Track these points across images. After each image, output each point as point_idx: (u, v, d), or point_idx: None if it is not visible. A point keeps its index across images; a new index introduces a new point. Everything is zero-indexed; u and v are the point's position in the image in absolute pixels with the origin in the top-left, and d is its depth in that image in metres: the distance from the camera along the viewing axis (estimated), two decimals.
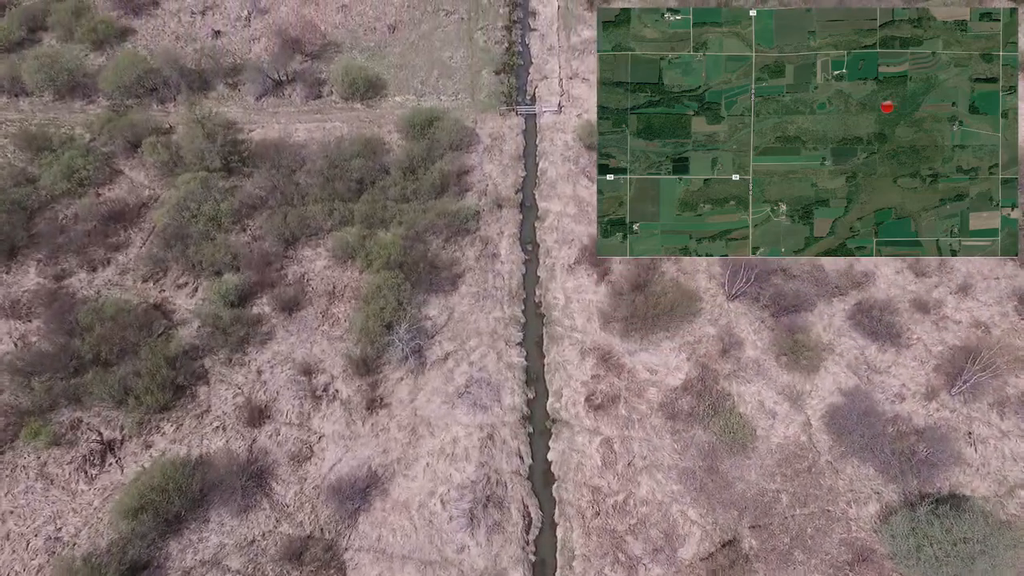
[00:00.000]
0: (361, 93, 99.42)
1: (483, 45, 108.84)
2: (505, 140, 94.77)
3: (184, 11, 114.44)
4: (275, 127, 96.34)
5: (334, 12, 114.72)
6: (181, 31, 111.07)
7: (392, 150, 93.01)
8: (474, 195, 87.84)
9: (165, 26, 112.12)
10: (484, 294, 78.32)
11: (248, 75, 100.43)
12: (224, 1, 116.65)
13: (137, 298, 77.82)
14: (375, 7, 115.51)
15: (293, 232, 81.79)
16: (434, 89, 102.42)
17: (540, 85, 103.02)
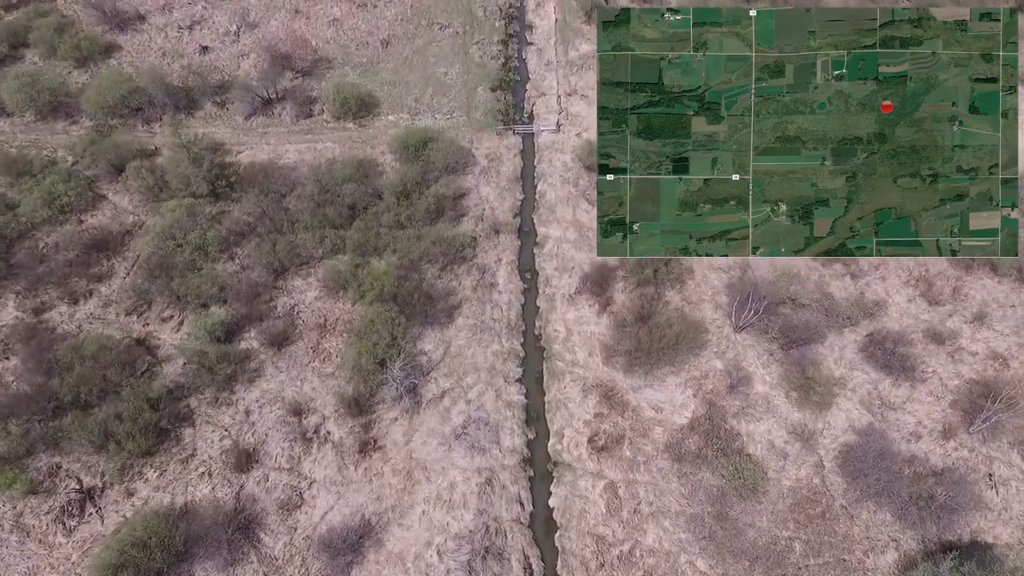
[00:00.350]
0: (353, 112, 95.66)
1: (479, 60, 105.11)
2: (502, 161, 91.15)
3: (171, 26, 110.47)
4: (264, 148, 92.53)
5: (325, 26, 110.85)
6: (168, 47, 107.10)
7: (385, 172, 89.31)
8: (470, 220, 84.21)
9: (151, 42, 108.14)
10: (482, 326, 74.74)
11: (236, 93, 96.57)
12: (212, 15, 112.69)
13: (120, 333, 74.09)
14: (367, 21, 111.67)
15: (282, 262, 78.10)
16: (428, 107, 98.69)
17: (538, 102, 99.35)
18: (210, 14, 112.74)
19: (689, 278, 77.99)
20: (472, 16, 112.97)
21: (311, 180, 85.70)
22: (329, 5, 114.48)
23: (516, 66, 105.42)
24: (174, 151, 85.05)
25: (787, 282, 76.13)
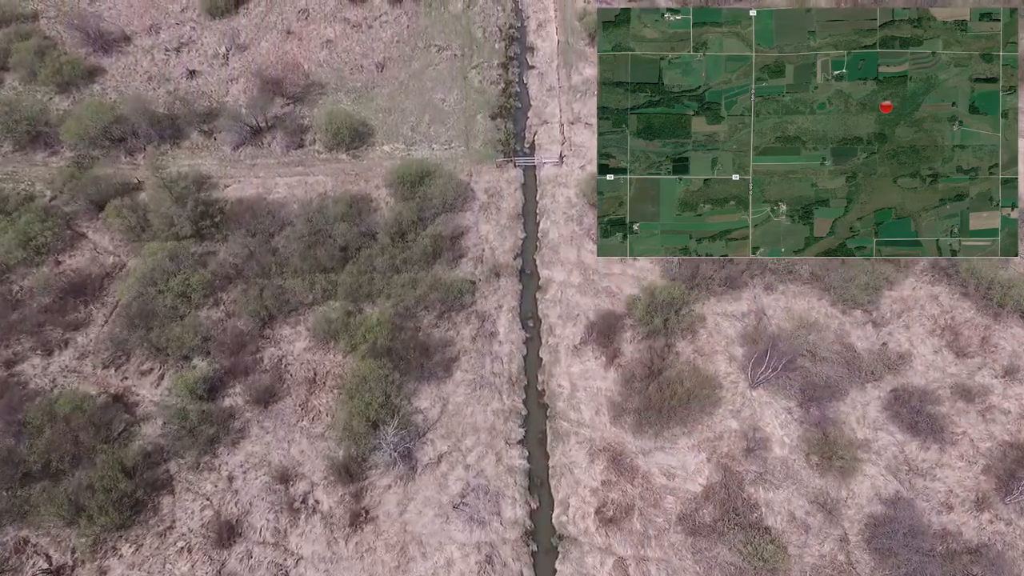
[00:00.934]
0: (346, 143, 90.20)
1: (478, 86, 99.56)
2: (503, 196, 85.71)
3: (158, 48, 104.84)
4: (253, 182, 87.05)
5: (318, 48, 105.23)
6: (154, 71, 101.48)
7: (380, 208, 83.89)
8: (469, 262, 78.81)
9: (137, 65, 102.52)
10: (481, 381, 69.44)
11: (224, 122, 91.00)
12: (201, 36, 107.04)
13: (96, 388, 68.85)
14: (362, 43, 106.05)
15: (270, 309, 72.74)
16: (425, 136, 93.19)
17: (540, 131, 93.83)
18: (198, 35, 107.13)
19: (701, 326, 72.75)
20: (471, 37, 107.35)
21: (301, 219, 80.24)
22: (322, 25, 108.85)
23: (517, 91, 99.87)
24: (155, 190, 79.45)
25: (805, 332, 70.95)
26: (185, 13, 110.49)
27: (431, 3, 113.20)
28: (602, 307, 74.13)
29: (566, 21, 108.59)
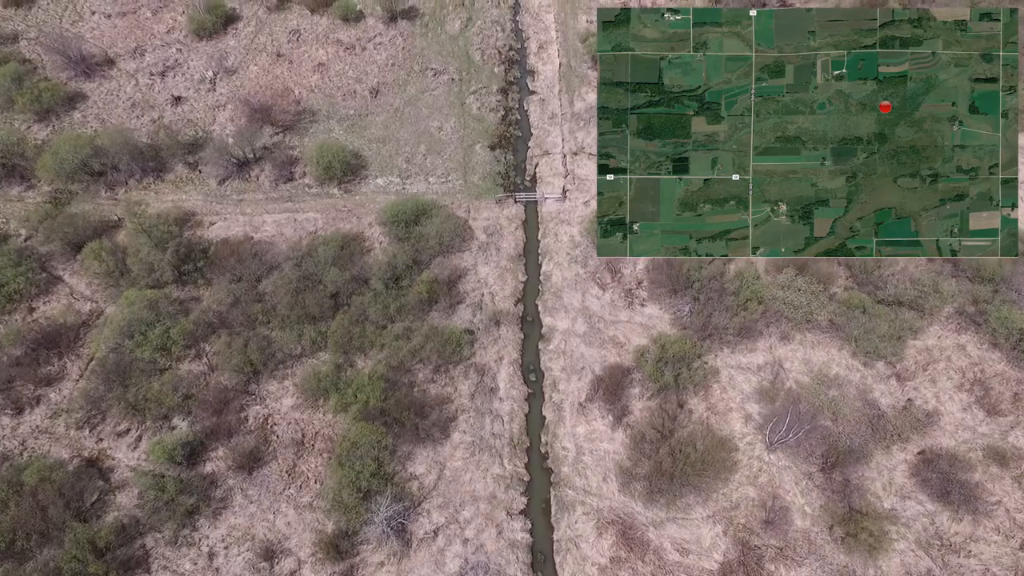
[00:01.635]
0: (338, 177, 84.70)
1: (476, 113, 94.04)
2: (503, 235, 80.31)
3: (142, 72, 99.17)
4: (239, 219, 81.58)
5: (309, 72, 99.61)
6: (138, 97, 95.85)
7: (374, 249, 78.52)
8: (468, 309, 73.50)
9: (120, 90, 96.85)
10: (480, 444, 64.27)
11: (210, 154, 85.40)
12: (188, 59, 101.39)
13: (69, 451, 63.67)
14: (355, 66, 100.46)
15: (255, 364, 67.43)
16: (421, 169, 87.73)
17: (541, 163, 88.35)
18: (185, 58, 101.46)
19: (714, 381, 67.59)
20: (469, 60, 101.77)
21: (290, 262, 74.89)
22: (314, 47, 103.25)
23: (517, 119, 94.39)
24: (134, 236, 73.93)
25: (825, 387, 65.88)
26: (171, 34, 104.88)
27: (427, 23, 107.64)
28: (609, 359, 68.89)
29: (568, 42, 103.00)
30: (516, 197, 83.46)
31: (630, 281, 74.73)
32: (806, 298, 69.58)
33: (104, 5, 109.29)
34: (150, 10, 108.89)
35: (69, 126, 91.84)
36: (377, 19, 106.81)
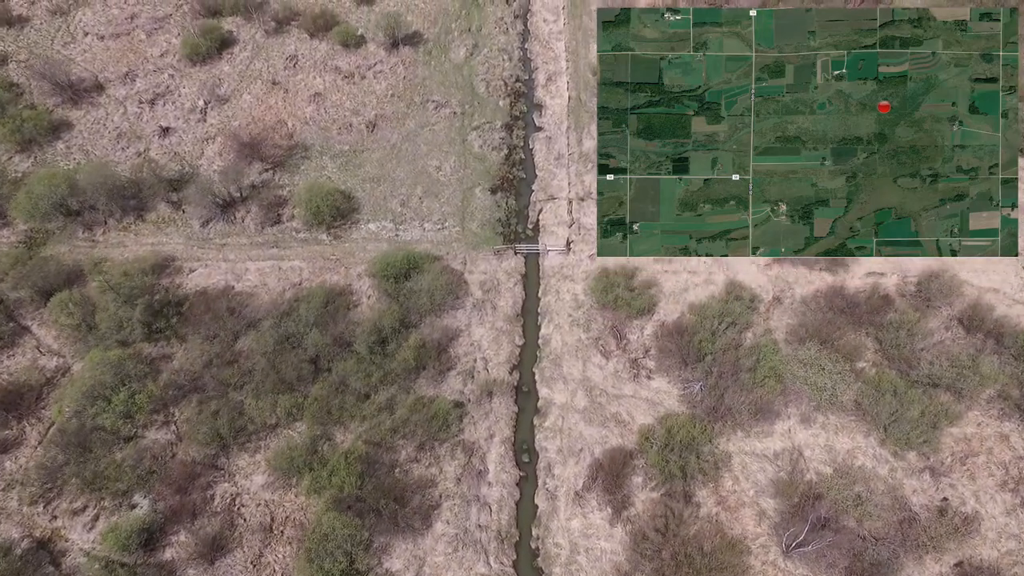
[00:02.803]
0: (327, 222, 78.36)
1: (478, 151, 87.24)
2: (500, 292, 73.56)
3: (132, 99, 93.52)
4: (220, 267, 75.54)
5: (305, 103, 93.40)
6: (125, 127, 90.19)
7: (360, 304, 72.17)
8: (458, 377, 66.86)
9: (108, 119, 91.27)
10: (465, 537, 57.68)
11: (193, 193, 79.32)
12: (180, 86, 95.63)
13: (20, 529, 58.05)
14: (353, 97, 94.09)
15: (223, 436, 61.35)
16: (416, 213, 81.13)
17: (546, 209, 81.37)
18: (177, 84, 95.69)
19: (726, 469, 60.48)
20: (473, 92, 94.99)
21: (270, 320, 68.72)
22: (311, 75, 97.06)
23: (521, 159, 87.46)
24: (101, 294, 68.02)
25: (850, 480, 58.52)
26: (164, 58, 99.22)
27: (430, 50, 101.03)
28: (610, 440, 61.98)
29: (578, 74, 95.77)
30: (516, 248, 76.67)
31: (636, 349, 67.74)
32: (831, 380, 62.21)
33: (98, 26, 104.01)
34: (144, 32, 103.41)
35: (52, 158, 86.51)
36: (379, 45, 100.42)
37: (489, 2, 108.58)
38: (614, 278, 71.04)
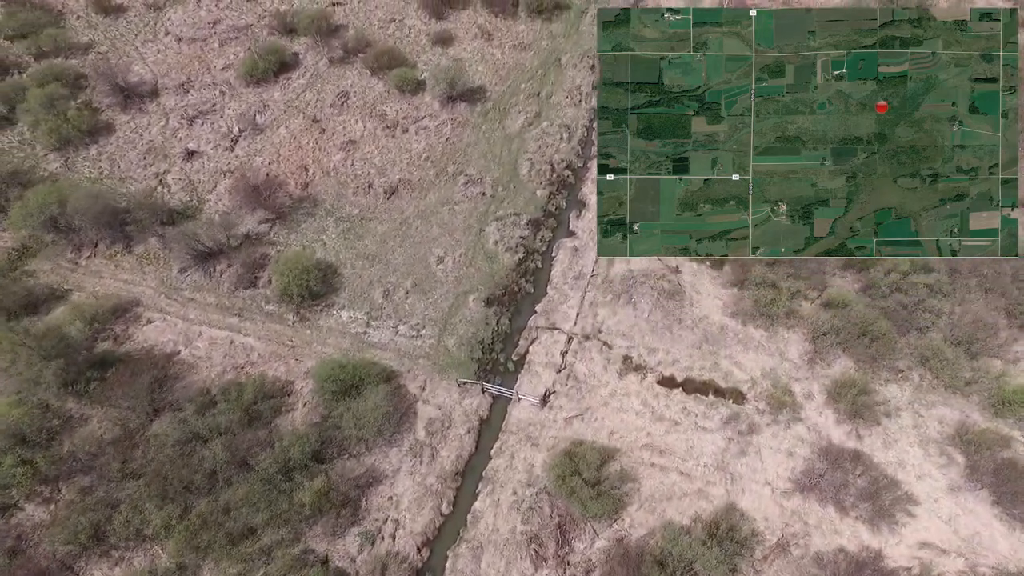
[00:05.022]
0: (297, 301, 69.03)
1: (491, 247, 74.28)
2: (447, 438, 60.78)
3: (177, 112, 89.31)
4: (177, 325, 68.51)
5: (335, 149, 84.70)
6: (158, 141, 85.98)
7: (295, 409, 62.33)
8: (357, 539, 55.13)
9: (147, 130, 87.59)
10: None
11: (178, 235, 72.85)
12: (227, 105, 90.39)
13: None
14: (386, 152, 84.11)
15: (84, 542, 53.82)
16: (396, 310, 69.83)
17: (539, 341, 67.22)
18: (225, 103, 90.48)
19: None
20: (513, 172, 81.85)
21: (192, 407, 60.53)
22: (354, 118, 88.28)
23: (536, 269, 73.48)
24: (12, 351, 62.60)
25: None
26: (225, 72, 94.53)
27: (487, 112, 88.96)
28: None
29: None
30: (485, 386, 63.26)
31: (578, 564, 52.77)
32: None
33: (182, 26, 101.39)
34: (219, 40, 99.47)
35: (82, 162, 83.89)
36: (435, 96, 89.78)
37: (572, 66, 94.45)
38: (582, 460, 56.20)
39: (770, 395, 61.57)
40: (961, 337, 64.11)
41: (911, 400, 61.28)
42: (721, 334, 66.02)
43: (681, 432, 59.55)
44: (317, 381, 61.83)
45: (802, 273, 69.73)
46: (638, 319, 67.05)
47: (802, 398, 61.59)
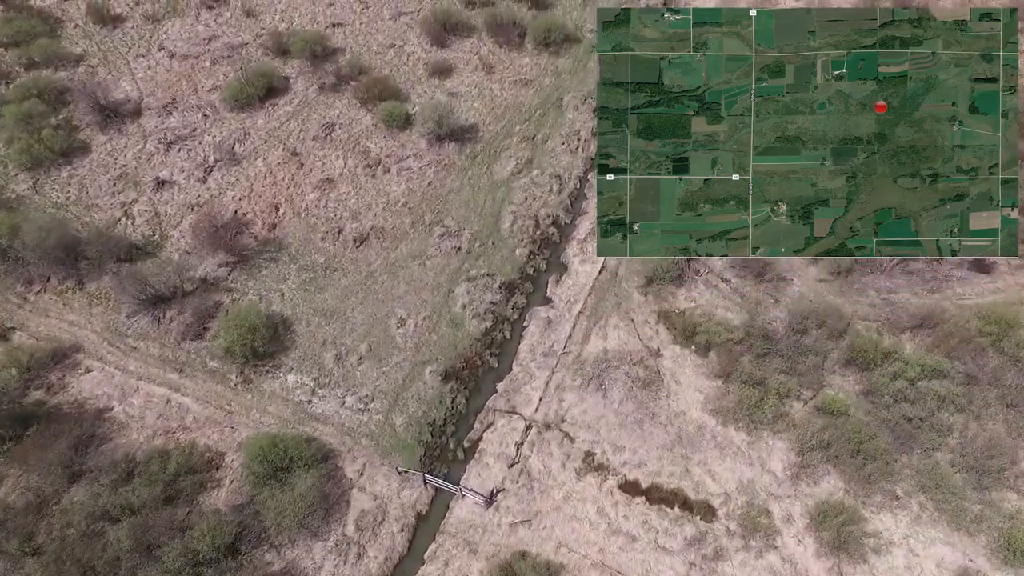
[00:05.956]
0: (240, 363, 63.73)
1: (457, 312, 67.98)
2: (378, 536, 54.73)
3: (156, 135, 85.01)
4: (115, 377, 63.89)
5: (310, 187, 79.30)
6: (132, 167, 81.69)
7: (223, 485, 57.06)
8: None
9: (123, 153, 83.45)
10: None
11: (130, 278, 68.22)
12: (207, 131, 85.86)
13: None
14: (363, 194, 78.45)
15: None
16: (346, 378, 64.03)
17: (496, 426, 60.73)
18: (206, 128, 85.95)
19: None
20: (494, 226, 75.29)
21: (110, 478, 55.70)
22: (336, 153, 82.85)
23: (504, 340, 66.91)
24: None
25: None
26: (211, 94, 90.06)
27: (476, 155, 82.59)
28: None
29: None
30: (427, 478, 57.01)
31: None
32: None
33: (177, 41, 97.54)
34: (211, 58, 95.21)
35: (51, 185, 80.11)
36: (422, 134, 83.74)
37: (573, 107, 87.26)
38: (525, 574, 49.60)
39: (744, 514, 54.11)
40: (972, 462, 55.68)
41: (907, 534, 53.14)
42: (698, 435, 58.64)
43: (638, 551, 52.52)
44: (246, 458, 56.26)
45: (798, 367, 62.04)
46: (607, 410, 60.08)
47: (780, 521, 53.94)
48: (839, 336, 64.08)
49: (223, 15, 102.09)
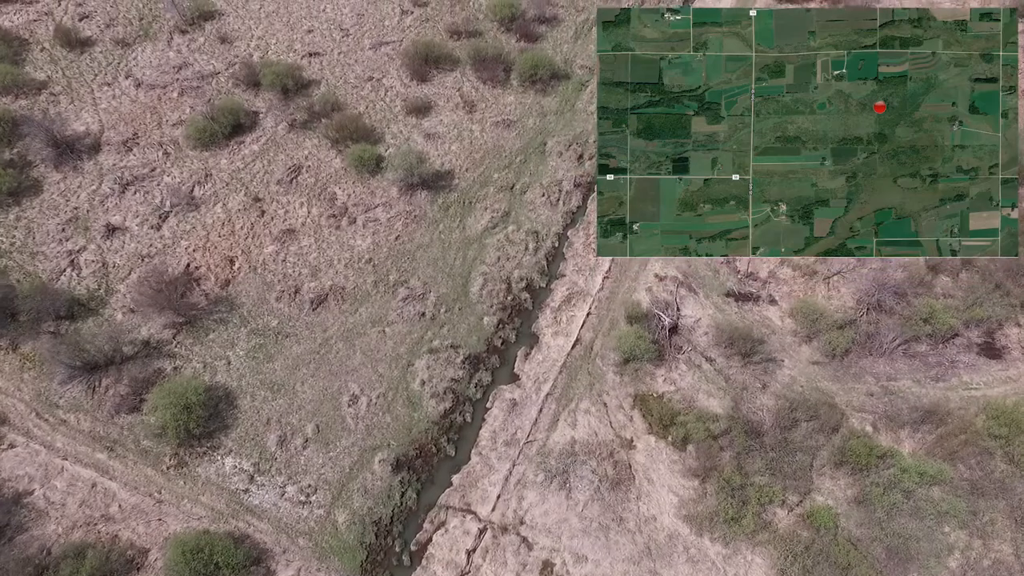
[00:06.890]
0: (175, 443, 58.00)
1: (415, 389, 62.01)
2: None
3: (112, 174, 79.35)
4: (40, 454, 58.33)
5: (270, 239, 73.49)
6: (83, 211, 76.13)
7: None
8: None
9: (75, 194, 77.86)
10: None
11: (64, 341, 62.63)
12: (166, 170, 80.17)
13: None
14: (325, 248, 72.59)
15: None
16: (287, 465, 58.15)
17: (448, 527, 54.66)
18: (166, 168, 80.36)
19: None
20: (463, 290, 69.27)
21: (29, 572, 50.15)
22: (300, 200, 77.05)
23: (464, 424, 60.84)
24: None
25: None
26: (177, 129, 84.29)
27: (449, 206, 76.58)
28: None
29: (607, 314, 66.61)
30: None
31: None
32: None
33: (146, 68, 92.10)
34: (179, 89, 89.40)
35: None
36: (393, 181, 77.74)
37: (557, 153, 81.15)
38: None
39: None
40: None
41: None
42: (668, 546, 52.46)
43: None
44: (168, 562, 50.50)
45: (784, 467, 55.81)
46: (570, 512, 53.98)
47: None
48: (831, 431, 57.83)
49: (196, 40, 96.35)
